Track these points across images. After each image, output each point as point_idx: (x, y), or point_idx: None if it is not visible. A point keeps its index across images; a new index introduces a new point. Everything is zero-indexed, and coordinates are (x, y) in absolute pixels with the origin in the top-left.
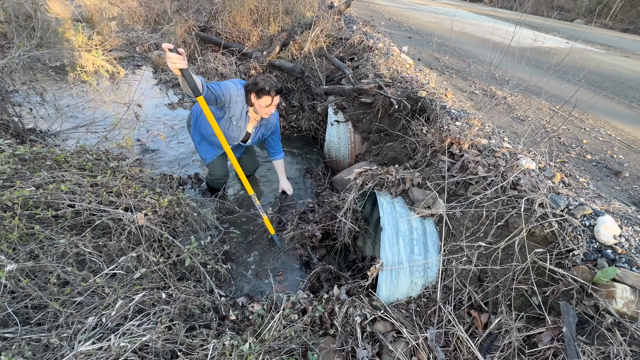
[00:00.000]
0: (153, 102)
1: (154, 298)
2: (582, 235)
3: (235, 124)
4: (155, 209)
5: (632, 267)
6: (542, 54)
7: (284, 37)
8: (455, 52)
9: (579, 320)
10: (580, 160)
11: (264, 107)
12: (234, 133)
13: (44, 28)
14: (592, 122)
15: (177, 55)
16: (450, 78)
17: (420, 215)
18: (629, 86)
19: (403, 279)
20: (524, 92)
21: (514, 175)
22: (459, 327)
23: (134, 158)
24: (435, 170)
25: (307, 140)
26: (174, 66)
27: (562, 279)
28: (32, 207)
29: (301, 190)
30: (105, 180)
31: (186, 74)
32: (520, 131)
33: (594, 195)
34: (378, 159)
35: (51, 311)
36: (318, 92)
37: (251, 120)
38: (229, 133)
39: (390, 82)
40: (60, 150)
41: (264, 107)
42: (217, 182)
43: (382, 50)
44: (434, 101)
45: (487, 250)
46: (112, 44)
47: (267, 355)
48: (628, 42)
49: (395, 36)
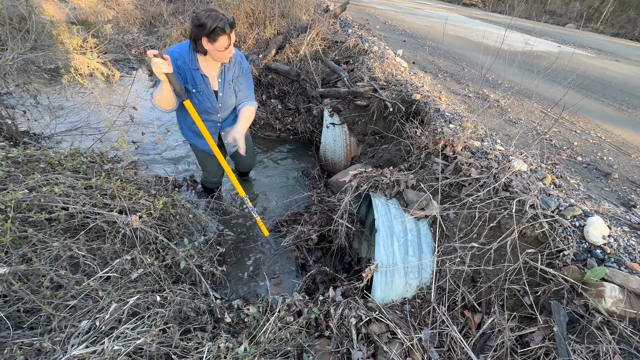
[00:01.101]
0: (148, 105)
1: (148, 301)
2: (572, 236)
3: (198, 92)
4: (150, 211)
5: (620, 267)
6: (534, 58)
7: (280, 40)
8: (449, 56)
9: (570, 320)
10: (571, 162)
11: (222, 51)
12: (205, 103)
13: (38, 30)
14: (582, 124)
15: (162, 60)
16: (444, 81)
17: (414, 216)
18: (619, 89)
19: (398, 280)
20: (516, 94)
21: (506, 177)
22: (453, 327)
23: (128, 160)
24: (429, 172)
25: (303, 142)
26: (159, 71)
27: (553, 279)
28: (25, 210)
29: (297, 191)
30: (100, 182)
31: (171, 79)
32: (512, 133)
33: (584, 197)
34: (373, 161)
35: (44, 315)
36: (314, 95)
37: (210, 75)
38: (202, 106)
39: (385, 85)
40: (54, 153)
41: (222, 51)
42: (211, 182)
43: (377, 53)
44: (428, 104)
45: (480, 251)
46: (108, 46)
47: (262, 357)
48: (618, 46)
49: (390, 39)
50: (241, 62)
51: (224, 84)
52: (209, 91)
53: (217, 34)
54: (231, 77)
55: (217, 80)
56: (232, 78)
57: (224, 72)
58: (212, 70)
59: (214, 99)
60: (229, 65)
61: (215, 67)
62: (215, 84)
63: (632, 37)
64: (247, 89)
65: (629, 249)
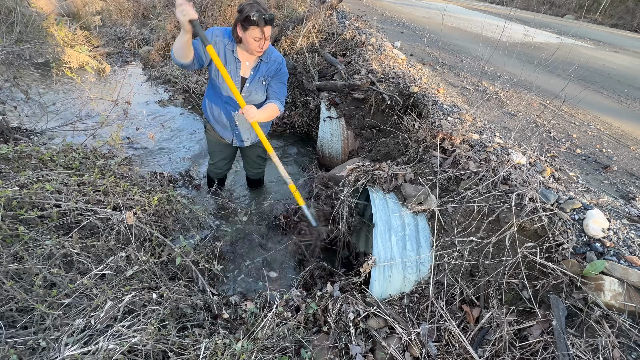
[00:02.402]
0: (142, 99)
1: (144, 298)
2: (572, 229)
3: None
4: (145, 207)
5: (620, 260)
6: (533, 49)
7: (276, 32)
8: (448, 47)
9: (569, 314)
10: (570, 155)
11: (253, 42)
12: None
13: (24, 22)
14: (581, 116)
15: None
16: (442, 73)
17: (412, 211)
18: (618, 81)
19: (396, 275)
20: (515, 87)
21: (505, 170)
22: (451, 321)
23: (122, 156)
24: (428, 166)
25: (300, 136)
26: (185, 18)
27: (552, 273)
28: (17, 207)
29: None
30: (93, 179)
31: (196, 25)
32: (511, 126)
33: (583, 189)
34: (371, 155)
35: (37, 314)
36: (310, 88)
37: (244, 62)
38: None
39: (383, 78)
40: (45, 149)
41: (253, 42)
42: (215, 173)
43: (374, 45)
44: (426, 96)
45: (478, 245)
46: (100, 39)
47: (260, 354)
48: (617, 37)
49: (388, 31)
50: (280, 65)
51: (255, 76)
52: (236, 75)
53: (250, 22)
54: (265, 72)
55: (249, 70)
56: (266, 74)
57: (259, 66)
58: (248, 60)
59: (238, 83)
60: (267, 62)
61: (252, 59)
62: (246, 72)
63: (630, 28)
64: (279, 92)
65: (628, 241)
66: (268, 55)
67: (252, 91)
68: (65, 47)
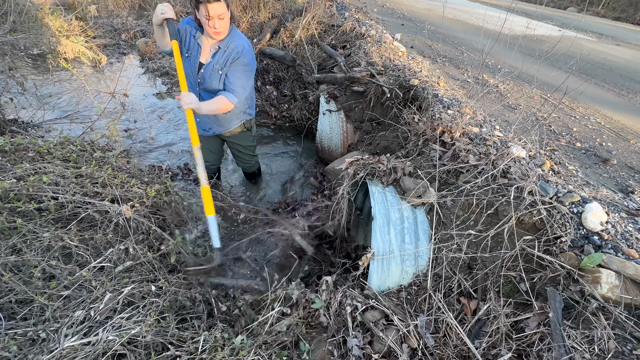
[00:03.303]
0: (140, 92)
1: (143, 291)
2: (570, 222)
3: (187, 56)
4: (143, 200)
5: (617, 253)
6: (535, 42)
7: (275, 24)
8: (449, 40)
9: (565, 306)
10: (570, 148)
11: (205, 22)
12: (188, 68)
13: (17, 12)
14: (582, 110)
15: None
16: (442, 66)
17: (411, 204)
18: (619, 74)
19: (394, 268)
20: (516, 80)
21: (504, 164)
22: (449, 313)
23: (120, 149)
24: (427, 159)
25: (299, 130)
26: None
27: (550, 266)
28: (14, 200)
29: (295, 183)
30: (90, 171)
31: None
32: (511, 119)
33: (582, 183)
34: (370, 149)
35: (37, 305)
36: (310, 81)
37: (205, 48)
38: (186, 70)
39: (383, 70)
40: (43, 142)
41: (205, 22)
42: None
43: (374, 37)
44: (426, 89)
45: (477, 238)
46: (96, 30)
47: (259, 349)
48: (619, 30)
49: (388, 23)
50: (239, 55)
51: (210, 63)
52: (195, 60)
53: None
54: (222, 61)
55: (209, 56)
56: (222, 63)
57: (216, 53)
58: (210, 44)
59: (195, 69)
60: (225, 50)
61: (215, 45)
62: (205, 58)
63: (633, 21)
64: (233, 83)
65: (626, 235)
66: (227, 43)
67: (206, 78)
68: (61, 38)
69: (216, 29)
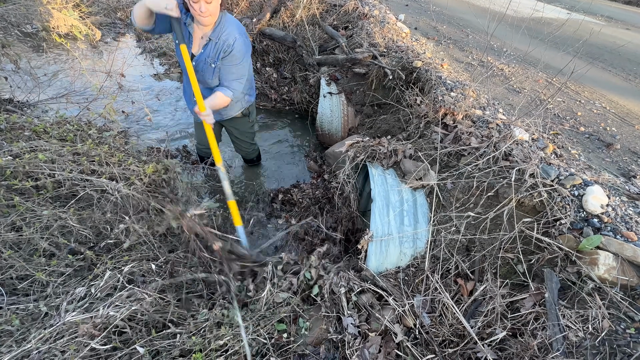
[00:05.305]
0: (137, 72)
1: (143, 269)
2: (571, 205)
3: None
4: (141, 177)
5: (616, 236)
6: (542, 25)
7: (275, 3)
8: (453, 22)
9: (561, 286)
10: (574, 132)
11: (191, 6)
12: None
13: None
14: (587, 94)
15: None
16: (447, 48)
17: (411, 186)
18: (627, 59)
19: (392, 250)
20: (521, 63)
21: (506, 146)
22: (445, 294)
23: (117, 129)
24: (428, 142)
25: (299, 113)
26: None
27: (548, 248)
28: (10, 177)
29: (295, 167)
30: (87, 148)
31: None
32: (515, 102)
33: (584, 167)
34: (371, 132)
35: (38, 281)
36: (310, 63)
37: (197, 37)
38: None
39: (385, 52)
40: (39, 121)
41: (191, 6)
42: (200, 150)
43: (377, 18)
44: (429, 71)
45: (475, 220)
46: (89, 5)
47: (259, 323)
48: (630, 14)
49: (392, 3)
50: (231, 47)
51: (202, 56)
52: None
53: None
54: (213, 54)
55: (200, 47)
56: (214, 56)
57: (208, 45)
58: (201, 34)
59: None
60: (216, 41)
61: (205, 33)
62: (196, 49)
63: None
64: (227, 78)
65: (625, 218)
66: (218, 33)
67: (199, 71)
68: (53, 10)
69: (202, 13)
